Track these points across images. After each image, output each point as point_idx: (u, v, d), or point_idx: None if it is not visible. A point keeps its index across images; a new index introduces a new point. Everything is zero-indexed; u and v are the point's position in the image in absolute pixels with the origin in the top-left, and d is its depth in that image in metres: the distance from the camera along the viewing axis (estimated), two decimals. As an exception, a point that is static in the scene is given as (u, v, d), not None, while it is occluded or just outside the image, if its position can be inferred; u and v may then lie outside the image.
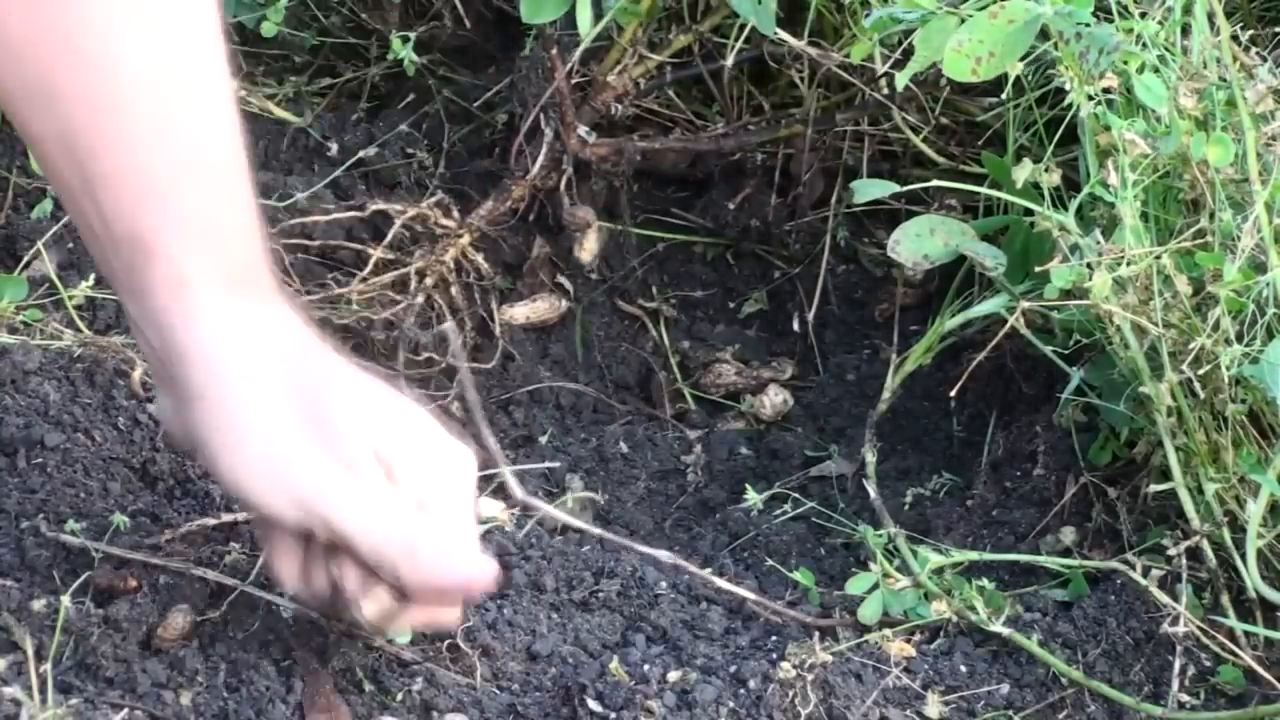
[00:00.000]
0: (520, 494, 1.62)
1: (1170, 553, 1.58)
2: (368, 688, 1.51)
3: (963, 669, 1.57)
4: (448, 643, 1.55)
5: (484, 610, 1.60)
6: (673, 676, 1.54)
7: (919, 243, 1.79)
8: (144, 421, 1.67)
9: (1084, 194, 1.62)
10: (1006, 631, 1.58)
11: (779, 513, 1.83)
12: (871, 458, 1.80)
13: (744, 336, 2.12)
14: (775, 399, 2.03)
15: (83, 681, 1.46)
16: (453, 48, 2.24)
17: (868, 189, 1.79)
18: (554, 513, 1.65)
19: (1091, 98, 1.58)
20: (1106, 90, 1.58)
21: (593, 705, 1.51)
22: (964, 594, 1.60)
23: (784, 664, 1.52)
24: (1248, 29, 1.67)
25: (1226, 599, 1.57)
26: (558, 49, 2.02)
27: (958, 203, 1.99)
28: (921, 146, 2.02)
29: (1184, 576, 1.57)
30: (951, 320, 1.81)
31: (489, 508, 1.74)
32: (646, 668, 1.55)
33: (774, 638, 1.61)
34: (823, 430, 2.01)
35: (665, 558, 1.64)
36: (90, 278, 1.84)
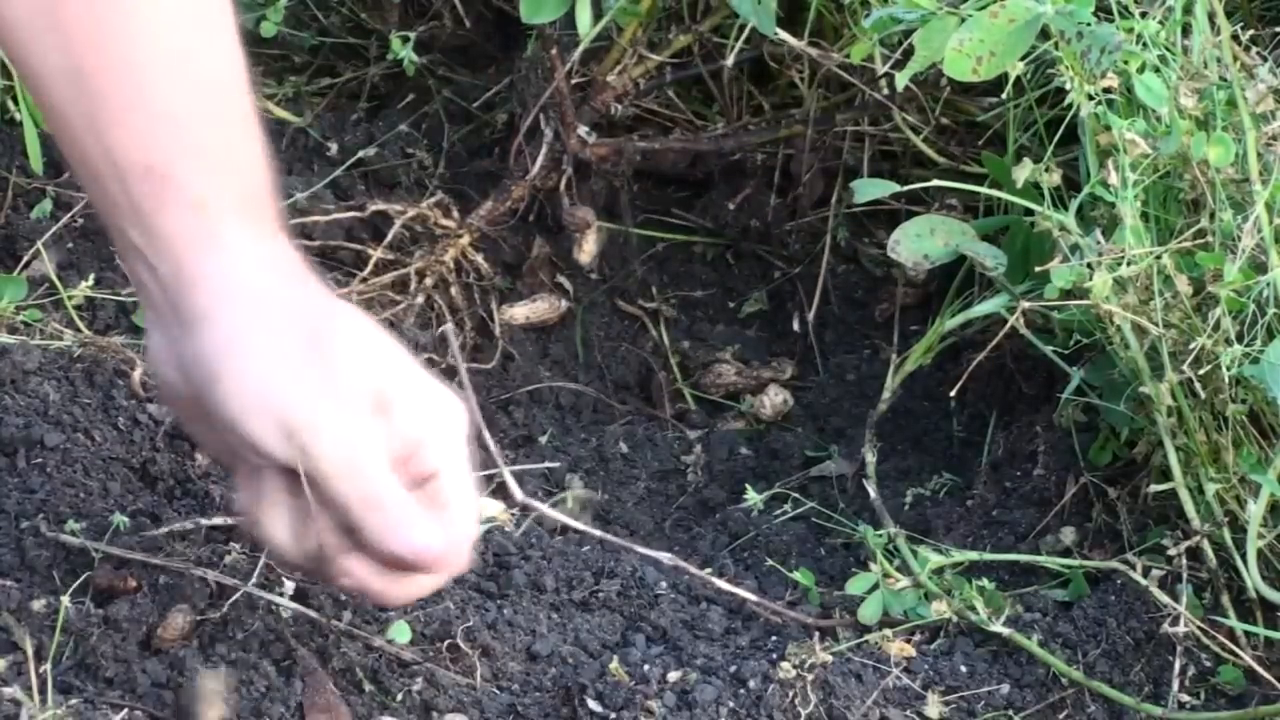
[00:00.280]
0: (520, 495, 1.62)
1: (1170, 553, 1.58)
2: (368, 688, 1.51)
3: (963, 669, 1.57)
4: (448, 643, 1.55)
5: (484, 610, 1.60)
6: (673, 676, 1.54)
7: (919, 243, 1.79)
8: (144, 421, 1.67)
9: (1084, 194, 1.62)
10: (1007, 631, 1.58)
11: (779, 513, 1.83)
12: (871, 458, 1.80)
13: (744, 336, 2.12)
14: (775, 399, 2.03)
15: (83, 681, 1.46)
16: (453, 48, 2.24)
17: (868, 189, 1.79)
18: (553, 513, 1.65)
19: (1092, 98, 1.58)
20: (1107, 90, 1.57)
21: (593, 705, 1.51)
22: (964, 594, 1.60)
23: (784, 664, 1.52)
24: (1248, 29, 1.67)
25: (1227, 599, 1.57)
26: (558, 49, 2.02)
27: (958, 203, 1.99)
28: (921, 146, 2.02)
29: (1184, 576, 1.57)
30: (951, 320, 1.81)
31: (489, 508, 1.74)
32: (646, 668, 1.55)
33: (774, 638, 1.61)
34: (823, 430, 2.01)
35: (665, 558, 1.64)
36: (90, 278, 1.84)
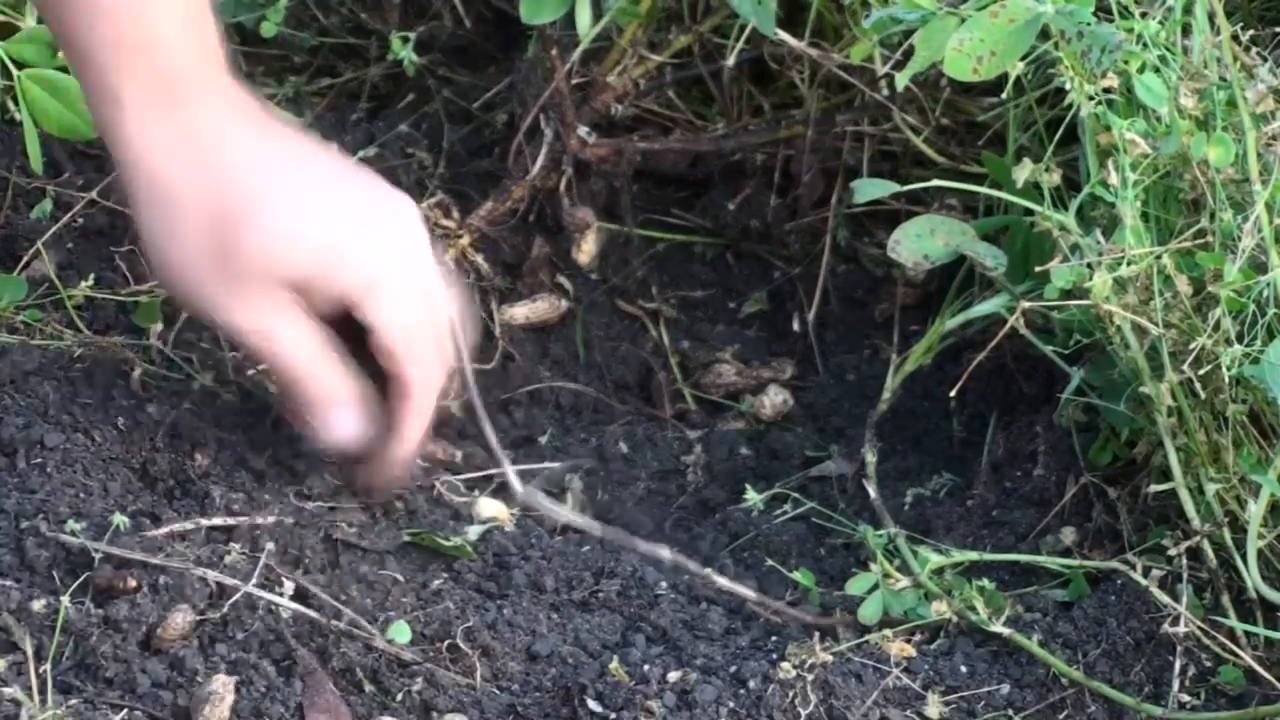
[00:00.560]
0: (520, 493, 1.62)
1: (1170, 553, 1.58)
2: (368, 688, 1.51)
3: (963, 669, 1.57)
4: (447, 643, 1.55)
5: (484, 610, 1.60)
6: (673, 677, 1.53)
7: (919, 243, 1.79)
8: (144, 421, 1.67)
9: (1084, 194, 1.62)
10: (1007, 632, 1.58)
11: (779, 513, 1.83)
12: (871, 458, 1.80)
13: (744, 336, 2.12)
14: (775, 399, 2.03)
15: (83, 682, 1.46)
16: (453, 48, 2.24)
17: (868, 189, 1.79)
18: (554, 510, 1.65)
19: (1092, 98, 1.58)
20: (1107, 90, 1.57)
21: (593, 705, 1.51)
22: (964, 594, 1.60)
23: (784, 664, 1.52)
24: (1248, 29, 1.67)
25: (1227, 599, 1.57)
26: (558, 49, 2.01)
27: (958, 203, 1.99)
28: (922, 147, 2.02)
29: (1184, 576, 1.57)
30: (951, 320, 1.81)
31: (489, 508, 1.74)
32: (646, 668, 1.55)
33: (774, 638, 1.61)
34: (823, 430, 2.00)
35: (665, 558, 1.64)
36: (90, 278, 1.83)
